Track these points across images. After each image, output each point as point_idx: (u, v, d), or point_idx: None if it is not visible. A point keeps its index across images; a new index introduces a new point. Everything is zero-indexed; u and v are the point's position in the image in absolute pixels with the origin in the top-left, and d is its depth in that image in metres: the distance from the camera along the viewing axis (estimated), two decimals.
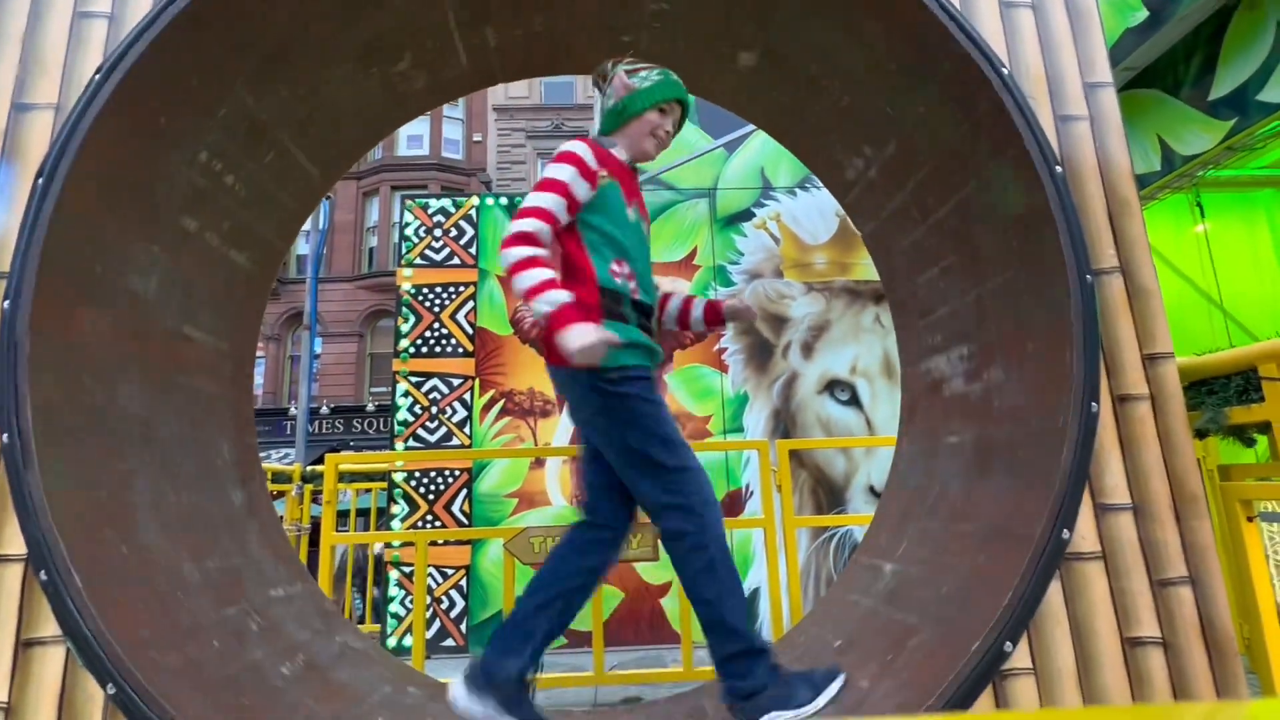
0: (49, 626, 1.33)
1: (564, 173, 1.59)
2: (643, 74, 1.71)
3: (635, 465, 1.60)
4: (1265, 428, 1.82)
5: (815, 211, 5.46)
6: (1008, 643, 1.43)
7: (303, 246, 15.50)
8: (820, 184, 4.34)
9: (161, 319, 1.76)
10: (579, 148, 1.63)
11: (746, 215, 5.49)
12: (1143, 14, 4.09)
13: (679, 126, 1.77)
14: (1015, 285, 1.74)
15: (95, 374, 1.52)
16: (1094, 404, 1.53)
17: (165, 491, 1.66)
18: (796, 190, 5.53)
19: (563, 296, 1.49)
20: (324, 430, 14.89)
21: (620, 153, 1.70)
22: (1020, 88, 1.69)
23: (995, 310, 1.81)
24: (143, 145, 1.61)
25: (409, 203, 5.51)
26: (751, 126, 5.23)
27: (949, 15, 1.66)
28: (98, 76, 1.50)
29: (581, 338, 1.44)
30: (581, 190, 1.60)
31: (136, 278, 1.66)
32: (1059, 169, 1.62)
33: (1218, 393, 1.91)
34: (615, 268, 1.63)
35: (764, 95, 2.26)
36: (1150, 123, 4.42)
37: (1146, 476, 1.62)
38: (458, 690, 1.52)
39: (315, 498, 5.18)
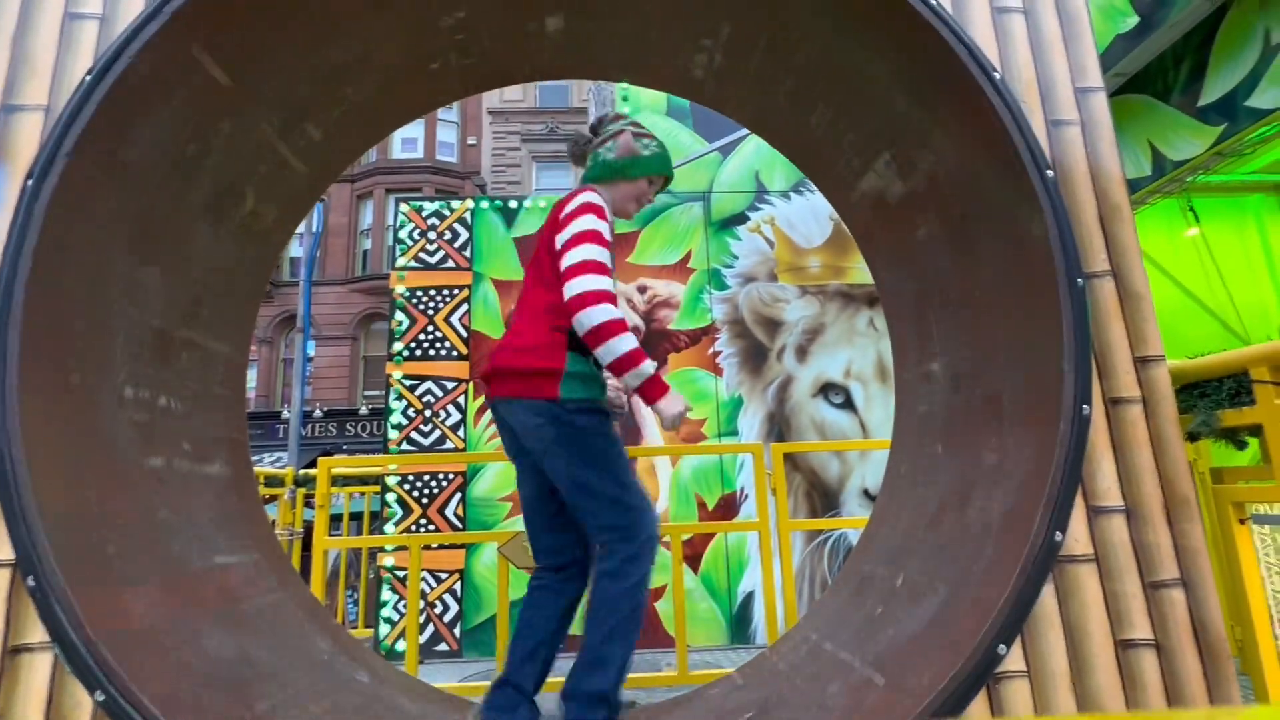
0: (36, 633, 1.32)
1: (602, 227, 1.67)
2: (646, 141, 1.85)
3: (586, 497, 1.64)
4: (1257, 430, 1.83)
5: (809, 215, 5.48)
6: (1002, 645, 1.43)
7: (296, 249, 15.44)
8: (814, 188, 4.36)
9: (156, 319, 1.75)
10: (598, 200, 1.72)
11: (741, 219, 5.50)
12: (1133, 20, 4.12)
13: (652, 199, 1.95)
14: (1007, 288, 1.75)
15: (86, 374, 1.51)
16: (1085, 407, 1.54)
17: (157, 494, 1.65)
18: (791, 194, 5.55)
19: (651, 368, 1.59)
20: (317, 434, 14.83)
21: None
22: (1012, 92, 1.70)
23: (987, 312, 1.82)
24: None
25: (403, 205, 5.50)
26: (745, 130, 5.25)
27: (941, 20, 1.67)
28: (88, 78, 1.49)
29: (677, 405, 1.58)
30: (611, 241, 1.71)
31: (130, 278, 1.65)
32: (1050, 173, 1.63)
33: (1209, 396, 1.92)
34: None
35: (757, 98, 2.27)
36: (1141, 128, 4.45)
37: (1138, 479, 1.62)
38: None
39: (308, 502, 5.15)
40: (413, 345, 5.17)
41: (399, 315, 5.23)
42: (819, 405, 5.08)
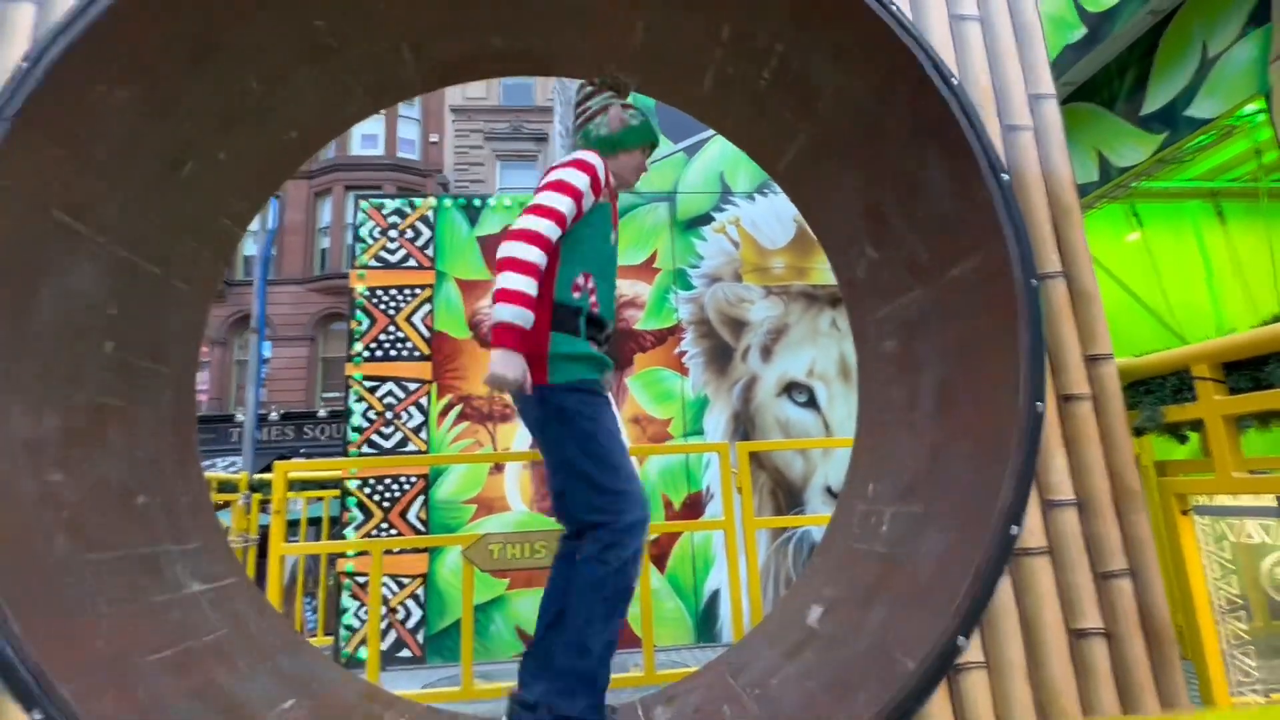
0: None
1: (581, 181, 1.62)
2: (632, 113, 1.84)
3: (569, 477, 1.61)
4: (1198, 425, 1.91)
5: (773, 216, 5.54)
6: (961, 638, 1.46)
7: (250, 247, 14.96)
8: (778, 190, 4.40)
9: (101, 323, 1.67)
10: (595, 160, 1.68)
11: (706, 219, 5.53)
12: (1081, 31, 4.28)
13: None
14: (964, 285, 1.79)
15: (25, 379, 1.43)
16: (1039, 403, 1.59)
17: (98, 505, 1.57)
18: (755, 195, 5.60)
19: (520, 318, 1.50)
20: (273, 437, 14.38)
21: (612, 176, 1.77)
22: (969, 97, 1.74)
23: (945, 308, 1.86)
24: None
25: (363, 203, 5.37)
26: (711, 131, 5.28)
27: (902, 26, 1.70)
28: (25, 65, 1.41)
29: (503, 365, 1.47)
30: (588, 203, 1.64)
31: (72, 279, 1.57)
32: (1005, 176, 1.68)
33: (1154, 392, 2.00)
34: (579, 281, 1.66)
35: (730, 107, 2.28)
36: (1088, 135, 4.62)
37: (1089, 473, 1.68)
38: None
39: (264, 507, 4.99)
40: (373, 346, 5.05)
41: (359, 315, 5.10)
42: (783, 404, 5.14)
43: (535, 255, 1.53)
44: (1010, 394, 1.59)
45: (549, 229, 1.55)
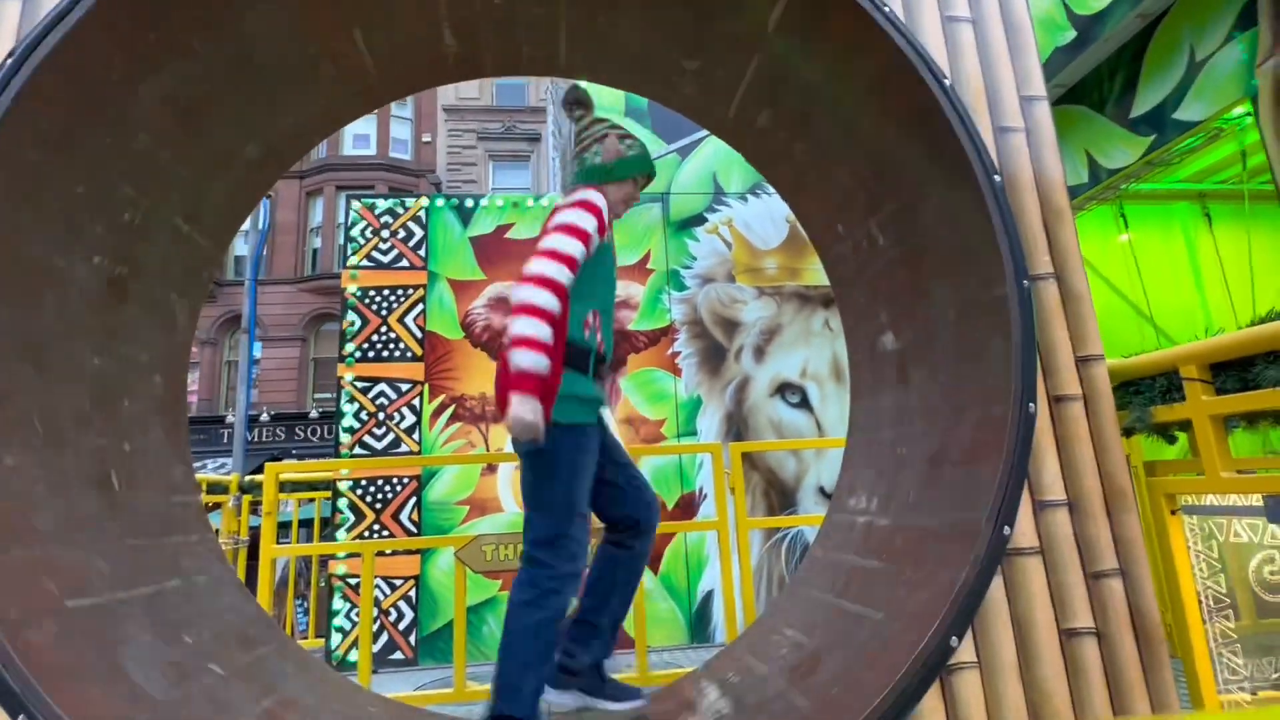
0: None
1: (590, 225, 1.64)
2: (629, 143, 1.86)
3: (532, 507, 1.68)
4: (1186, 425, 1.93)
5: (766, 217, 5.55)
6: (954, 638, 1.46)
7: (241, 247, 14.85)
8: (771, 190, 4.41)
9: (85, 324, 1.65)
10: (600, 201, 1.70)
11: (699, 220, 5.53)
12: (1071, 34, 4.31)
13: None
14: (957, 288, 1.80)
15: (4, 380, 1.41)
16: (1031, 405, 1.59)
17: (86, 505, 1.55)
18: (748, 196, 5.61)
19: (542, 366, 1.51)
20: (264, 438, 14.29)
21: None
22: (961, 99, 1.75)
23: (939, 309, 1.87)
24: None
25: (355, 203, 5.35)
26: (704, 132, 5.29)
27: (895, 28, 1.70)
28: (9, 62, 1.40)
29: (524, 413, 1.49)
30: (595, 245, 1.67)
31: (56, 279, 1.55)
32: (998, 178, 1.68)
33: (1143, 393, 2.01)
34: (590, 320, 1.71)
35: (716, 108, 2.28)
36: (1078, 137, 4.65)
37: (1080, 473, 1.69)
38: (548, 693, 1.67)
39: (254, 509, 4.95)
40: (365, 346, 5.03)
41: (351, 315, 5.07)
42: (776, 405, 5.15)
43: (553, 304, 1.54)
44: (1002, 395, 1.60)
45: (565, 277, 1.57)
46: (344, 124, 2.31)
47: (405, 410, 4.96)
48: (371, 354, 5.02)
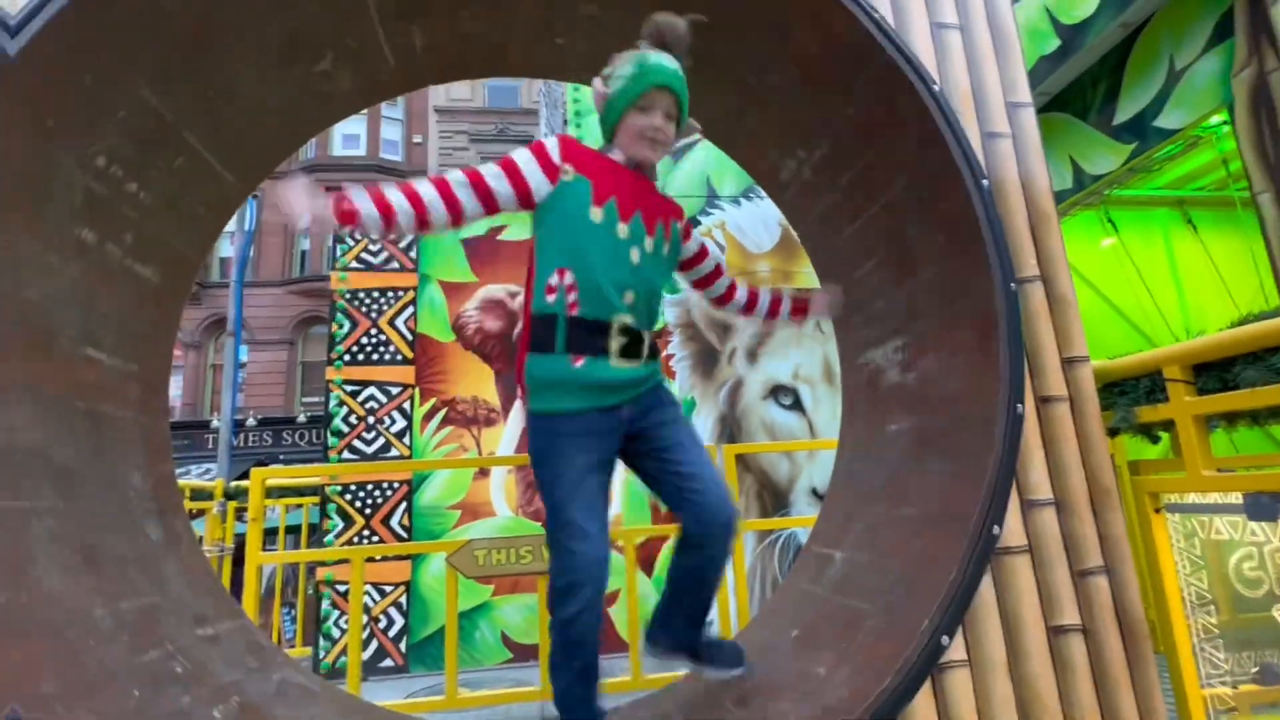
0: None
1: (520, 155, 1.47)
2: (615, 74, 1.51)
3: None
4: (1169, 425, 1.96)
5: (759, 221, 5.58)
6: (945, 637, 1.48)
7: (226, 249, 14.72)
8: (764, 194, 4.44)
9: (59, 337, 1.60)
10: (549, 140, 1.49)
11: (692, 223, 5.55)
12: (1055, 43, 4.38)
13: (679, 109, 1.53)
14: (945, 288, 1.82)
15: None
16: (1019, 405, 1.62)
17: (68, 528, 1.51)
18: (741, 199, 5.65)
19: (361, 199, 1.36)
20: (250, 443, 14.15)
21: (617, 155, 1.53)
22: (950, 104, 1.78)
23: (927, 307, 1.89)
24: (29, 145, 1.42)
25: None
26: (697, 135, 5.32)
27: (884, 35, 1.73)
28: None
29: (291, 191, 1.30)
30: (536, 179, 1.44)
31: (28, 291, 1.50)
32: (986, 183, 1.71)
33: (1128, 394, 2.05)
34: (553, 281, 1.43)
35: (703, 102, 2.28)
36: (1063, 144, 4.73)
37: (1066, 473, 1.72)
38: (649, 650, 1.64)
39: (240, 515, 4.91)
40: (355, 349, 5.00)
41: (340, 318, 5.05)
42: (769, 407, 5.17)
43: (426, 188, 1.39)
44: (990, 396, 1.63)
45: (459, 181, 1.41)
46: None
47: (396, 414, 4.94)
48: (361, 357, 4.99)
